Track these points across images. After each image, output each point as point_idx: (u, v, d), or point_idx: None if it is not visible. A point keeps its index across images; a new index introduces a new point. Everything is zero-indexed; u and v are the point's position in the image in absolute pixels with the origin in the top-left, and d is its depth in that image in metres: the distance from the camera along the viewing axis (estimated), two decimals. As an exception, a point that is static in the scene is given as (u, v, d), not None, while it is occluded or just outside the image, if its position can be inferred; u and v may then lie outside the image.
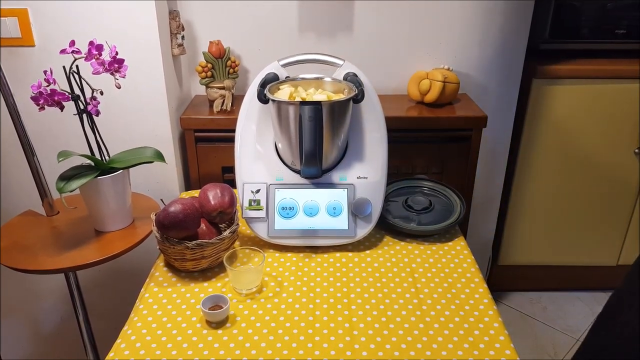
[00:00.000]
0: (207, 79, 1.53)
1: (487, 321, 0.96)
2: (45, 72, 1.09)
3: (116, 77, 1.11)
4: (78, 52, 1.08)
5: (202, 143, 1.51)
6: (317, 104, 1.09)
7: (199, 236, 1.10)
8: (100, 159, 1.21)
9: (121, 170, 1.19)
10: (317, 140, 1.11)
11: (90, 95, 1.15)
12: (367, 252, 1.18)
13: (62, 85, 1.11)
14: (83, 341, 1.40)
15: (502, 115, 1.75)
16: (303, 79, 1.24)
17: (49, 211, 1.31)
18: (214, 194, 1.12)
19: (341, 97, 1.17)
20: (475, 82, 1.69)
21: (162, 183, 1.53)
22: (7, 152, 1.46)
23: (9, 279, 1.66)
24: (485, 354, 0.89)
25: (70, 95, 1.12)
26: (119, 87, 1.12)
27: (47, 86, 1.09)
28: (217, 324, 0.96)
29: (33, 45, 1.35)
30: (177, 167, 1.53)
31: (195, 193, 1.43)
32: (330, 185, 1.20)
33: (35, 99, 1.08)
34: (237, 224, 1.14)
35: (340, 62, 1.24)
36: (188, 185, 1.62)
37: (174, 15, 1.45)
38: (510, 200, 1.91)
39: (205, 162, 1.53)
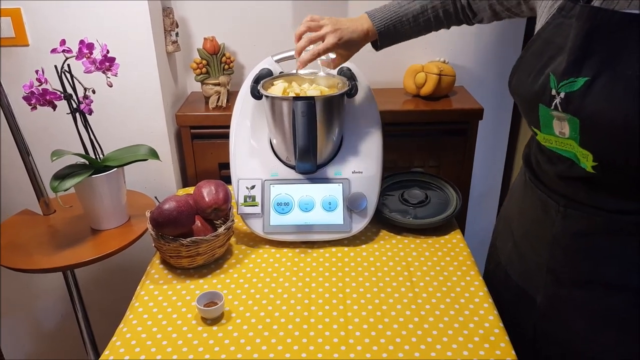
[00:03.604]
0: (202, 76, 1.53)
1: (482, 314, 0.96)
2: (37, 71, 1.09)
3: (108, 75, 1.11)
4: (69, 51, 1.08)
5: (199, 140, 1.51)
6: (310, 99, 1.09)
7: (194, 233, 1.10)
8: (94, 157, 1.21)
9: (115, 169, 1.19)
10: (311, 136, 1.10)
11: (82, 94, 1.15)
12: (363, 246, 1.17)
13: (56, 84, 1.11)
14: (83, 339, 1.41)
15: (499, 107, 1.73)
16: (297, 74, 1.23)
17: (45, 210, 1.32)
18: (208, 191, 1.12)
19: (334, 91, 1.16)
20: (472, 74, 1.68)
21: (159, 180, 1.53)
22: (2, 152, 1.47)
23: (9, 278, 1.66)
24: (480, 347, 0.89)
25: (62, 95, 1.12)
26: (111, 86, 1.12)
27: (39, 86, 1.09)
28: (212, 321, 0.96)
29: (27, 45, 1.35)
30: (174, 164, 1.53)
31: (192, 190, 1.43)
32: (326, 180, 1.19)
33: (27, 98, 1.08)
34: (233, 220, 1.14)
35: (334, 56, 1.23)
36: (185, 182, 1.62)
37: (167, 12, 1.44)
38: (510, 192, 1.90)
39: (202, 159, 1.53)
